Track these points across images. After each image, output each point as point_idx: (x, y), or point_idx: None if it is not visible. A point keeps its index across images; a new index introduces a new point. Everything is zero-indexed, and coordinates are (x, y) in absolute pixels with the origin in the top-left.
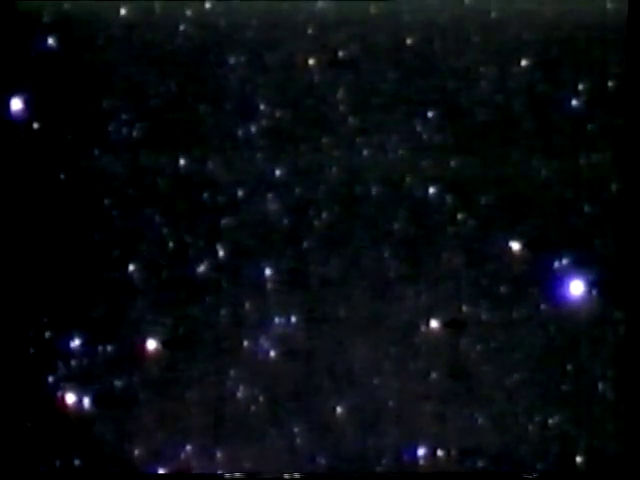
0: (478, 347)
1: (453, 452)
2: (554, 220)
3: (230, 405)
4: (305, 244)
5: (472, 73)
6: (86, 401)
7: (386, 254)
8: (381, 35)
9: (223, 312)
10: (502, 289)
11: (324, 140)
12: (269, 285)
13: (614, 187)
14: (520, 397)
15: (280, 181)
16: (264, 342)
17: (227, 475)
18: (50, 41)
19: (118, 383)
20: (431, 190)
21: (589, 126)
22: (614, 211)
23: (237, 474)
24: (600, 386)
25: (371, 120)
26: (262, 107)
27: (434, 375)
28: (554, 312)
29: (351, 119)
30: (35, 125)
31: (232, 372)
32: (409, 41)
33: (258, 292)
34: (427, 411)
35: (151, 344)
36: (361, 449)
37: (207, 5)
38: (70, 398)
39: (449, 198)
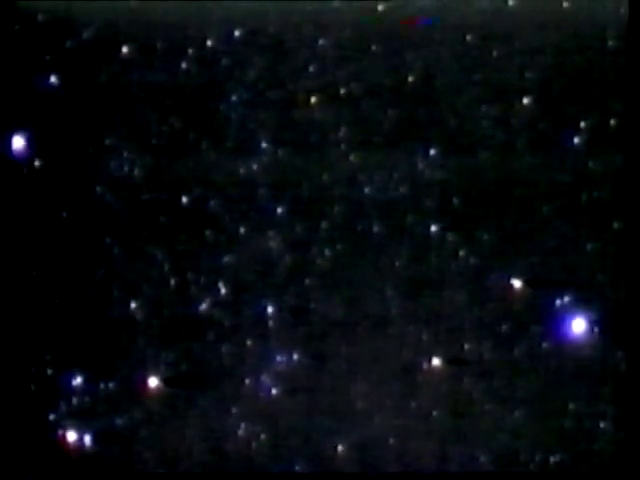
0: (480, 385)
1: None
2: (556, 258)
3: (232, 442)
4: (307, 281)
5: (474, 111)
6: (87, 439)
7: (388, 291)
8: (382, 73)
9: (225, 349)
10: (504, 327)
11: (326, 177)
12: (271, 322)
13: (616, 225)
14: (522, 435)
15: (282, 218)
16: (266, 380)
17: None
18: (52, 79)
19: (119, 421)
20: (433, 228)
21: (590, 163)
22: (616, 249)
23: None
24: (602, 424)
25: (373, 157)
26: (264, 144)
27: (436, 413)
28: (556, 350)
29: (352, 156)
30: (37, 163)
31: (234, 409)
32: (410, 78)
33: (260, 329)
34: (429, 449)
35: (153, 381)
36: None
37: (209, 43)
38: (71, 435)
39: (451, 236)
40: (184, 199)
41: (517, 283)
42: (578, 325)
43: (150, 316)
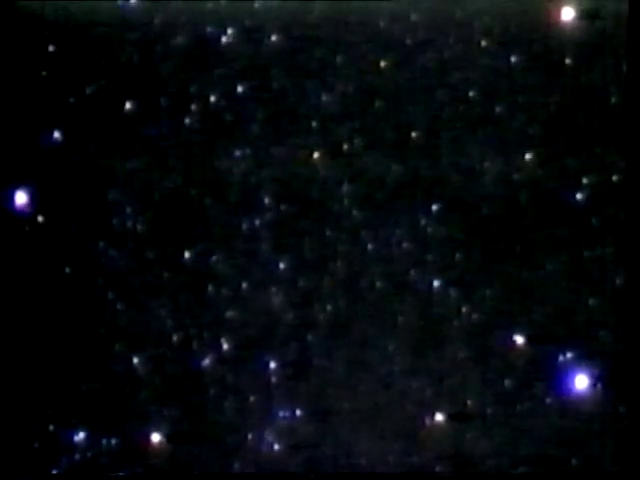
0: (483, 441)
1: None
2: (558, 314)
3: None
4: (309, 337)
5: (476, 166)
6: None
7: (390, 347)
8: (385, 129)
9: (227, 405)
10: (506, 383)
11: (328, 233)
12: (273, 378)
13: (618, 281)
14: None
15: (284, 274)
16: (268, 435)
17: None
18: (55, 135)
19: (122, 477)
20: (435, 284)
21: (593, 220)
22: (618, 305)
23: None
24: None
25: (375, 214)
26: (266, 200)
27: (439, 469)
28: (558, 406)
29: (355, 212)
30: (40, 218)
31: (236, 465)
32: (414, 135)
33: (262, 385)
34: None
35: (155, 437)
36: None
37: (212, 99)
38: None
39: (453, 292)
40: (186, 254)
41: (520, 339)
42: (581, 381)
43: (152, 372)
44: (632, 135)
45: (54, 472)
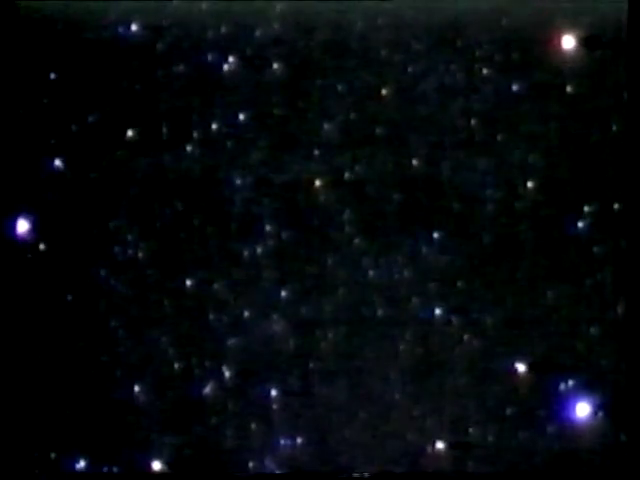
0: (484, 469)
1: None
2: (560, 342)
3: None
4: (311, 365)
5: (477, 195)
6: None
7: (392, 375)
8: (387, 157)
9: (229, 433)
10: (508, 411)
11: (330, 261)
12: (275, 406)
13: (620, 309)
14: None
15: (286, 302)
16: (270, 463)
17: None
18: (57, 163)
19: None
20: (437, 311)
21: (594, 248)
22: (619, 333)
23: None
24: None
25: (377, 241)
26: (268, 228)
27: None
28: (560, 434)
29: (357, 240)
30: (41, 246)
31: None
32: (414, 162)
33: (264, 413)
34: None
35: (156, 465)
36: None
37: (213, 127)
38: None
39: (455, 319)
40: (188, 282)
41: (521, 367)
42: (582, 409)
43: (154, 399)
44: (633, 163)
45: None
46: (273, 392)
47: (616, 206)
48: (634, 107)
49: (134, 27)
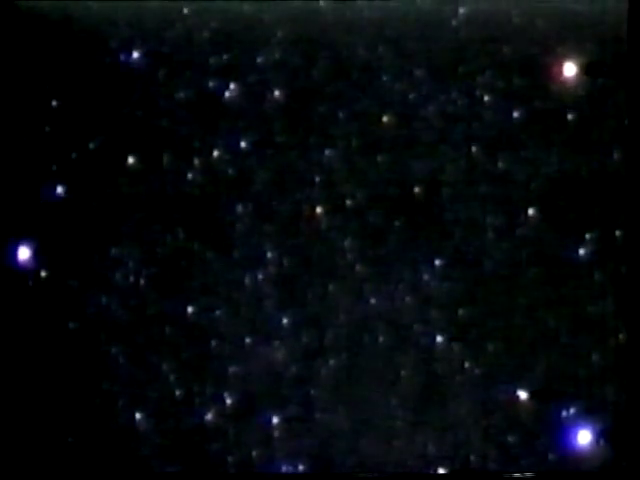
0: None
1: None
2: (561, 369)
3: None
4: (312, 392)
5: (479, 222)
6: None
7: (393, 402)
8: (388, 184)
9: (230, 460)
10: (509, 438)
11: (331, 288)
12: (276, 433)
13: (622, 336)
14: None
15: (287, 329)
16: None
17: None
18: (58, 190)
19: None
20: (438, 339)
21: (596, 275)
22: (620, 361)
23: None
24: None
25: (378, 269)
26: (269, 255)
27: None
28: (562, 462)
29: (358, 267)
30: (43, 273)
31: None
32: (416, 190)
33: (265, 440)
34: None
35: None
36: None
37: (215, 153)
38: None
39: (456, 347)
40: (189, 309)
41: (523, 394)
42: (583, 437)
43: (155, 427)
44: (634, 190)
45: None
46: (275, 419)
47: (617, 233)
48: (635, 134)
49: (135, 54)
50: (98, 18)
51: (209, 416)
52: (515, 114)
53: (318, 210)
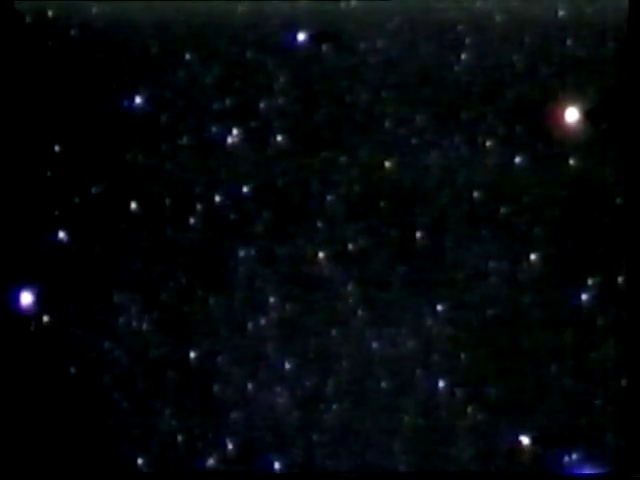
0: None
1: None
2: (564, 415)
3: None
4: (314, 438)
5: (481, 267)
6: None
7: (396, 447)
8: (390, 229)
9: None
10: None
11: (333, 333)
12: (279, 478)
13: (624, 382)
14: None
15: (289, 374)
16: None
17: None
18: (61, 235)
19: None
20: (441, 384)
21: (598, 320)
22: (623, 407)
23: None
24: None
25: (380, 314)
26: (272, 300)
27: None
28: None
29: (360, 312)
30: (45, 318)
31: None
32: (418, 235)
33: None
34: None
35: None
36: None
37: (217, 199)
38: None
39: (459, 392)
40: (192, 354)
41: (525, 440)
42: None
43: (157, 472)
44: (635, 236)
45: None
46: (276, 465)
47: (619, 279)
48: (636, 180)
49: (138, 99)
50: (101, 63)
51: (211, 461)
52: (517, 159)
53: (320, 255)
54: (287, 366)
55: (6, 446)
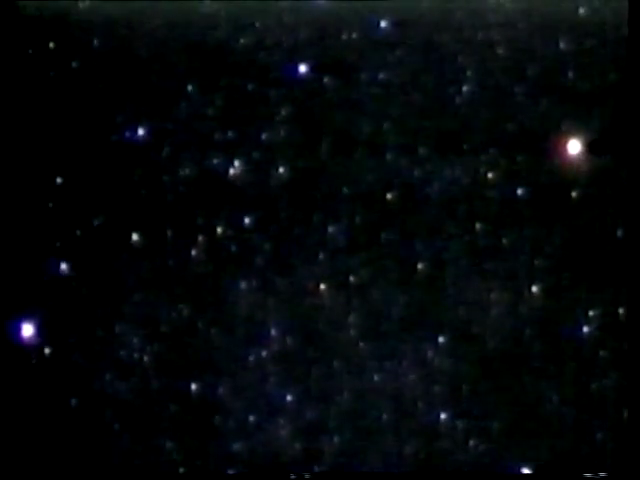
0: None
1: None
2: (566, 447)
3: None
4: (316, 469)
5: (483, 299)
6: None
7: (398, 479)
8: (391, 261)
9: None
10: None
11: (335, 365)
12: None
13: (625, 414)
14: None
15: (291, 406)
16: None
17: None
18: (62, 267)
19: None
20: (442, 416)
21: (600, 353)
22: (624, 437)
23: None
24: None
25: (382, 345)
26: (273, 332)
27: None
28: None
29: (362, 344)
30: (46, 350)
31: None
32: (419, 266)
33: None
34: None
35: None
36: None
37: (218, 230)
38: None
39: (460, 424)
40: (193, 386)
41: (527, 471)
42: None
43: None
44: (637, 268)
45: None
46: None
47: (621, 311)
48: (638, 212)
49: (140, 131)
50: (103, 94)
51: None
52: (519, 191)
53: (322, 287)
54: (288, 398)
55: (7, 478)
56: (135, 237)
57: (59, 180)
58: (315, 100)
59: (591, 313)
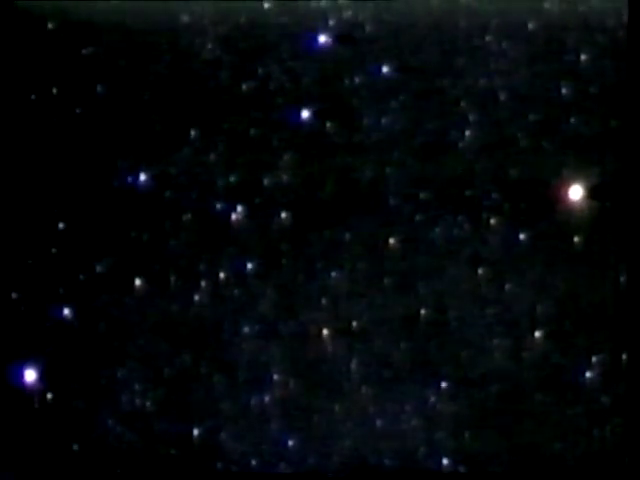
0: None
1: None
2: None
3: None
4: None
5: (485, 344)
6: None
7: None
8: (394, 306)
9: None
10: None
11: (337, 410)
12: None
13: (627, 460)
14: None
15: (293, 451)
16: None
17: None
18: (65, 311)
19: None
20: (444, 462)
21: (603, 399)
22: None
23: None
24: None
25: (384, 391)
26: (275, 377)
27: None
28: None
29: (364, 389)
30: (49, 395)
31: None
32: (422, 312)
33: None
34: None
35: None
36: None
37: (221, 275)
38: None
39: (462, 469)
40: (195, 432)
41: None
42: None
43: None
44: (637, 313)
45: None
46: None
47: (624, 356)
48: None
49: (142, 176)
50: (105, 140)
51: None
52: (521, 236)
53: (324, 332)
54: (290, 443)
55: None
56: (138, 282)
57: (61, 225)
58: (317, 145)
59: (593, 359)
